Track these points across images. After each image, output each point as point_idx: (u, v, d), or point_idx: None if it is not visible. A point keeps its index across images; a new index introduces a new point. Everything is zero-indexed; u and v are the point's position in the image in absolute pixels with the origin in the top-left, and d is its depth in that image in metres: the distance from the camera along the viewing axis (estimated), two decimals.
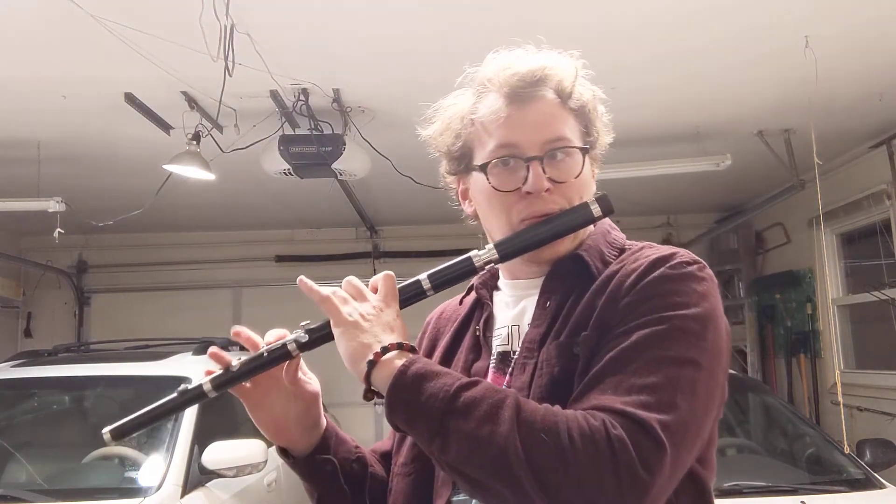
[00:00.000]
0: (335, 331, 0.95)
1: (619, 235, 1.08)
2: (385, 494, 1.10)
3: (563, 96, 1.02)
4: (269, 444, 3.26)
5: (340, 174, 4.00)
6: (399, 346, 0.91)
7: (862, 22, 2.98)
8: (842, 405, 3.60)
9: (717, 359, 0.91)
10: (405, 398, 0.87)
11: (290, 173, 3.96)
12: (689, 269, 0.94)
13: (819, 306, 5.55)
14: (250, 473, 3.04)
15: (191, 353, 3.76)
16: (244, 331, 1.02)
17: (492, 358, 1.05)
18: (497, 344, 1.06)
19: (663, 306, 0.90)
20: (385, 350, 0.91)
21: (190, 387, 0.98)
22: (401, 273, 1.02)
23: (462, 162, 1.07)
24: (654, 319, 0.89)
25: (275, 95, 3.52)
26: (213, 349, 1.01)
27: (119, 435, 0.98)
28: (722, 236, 6.63)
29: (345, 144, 3.77)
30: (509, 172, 1.00)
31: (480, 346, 1.08)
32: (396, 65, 3.33)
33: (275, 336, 1.01)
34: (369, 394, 0.92)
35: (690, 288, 0.92)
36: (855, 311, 5.28)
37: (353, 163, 3.88)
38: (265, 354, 0.98)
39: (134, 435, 1.01)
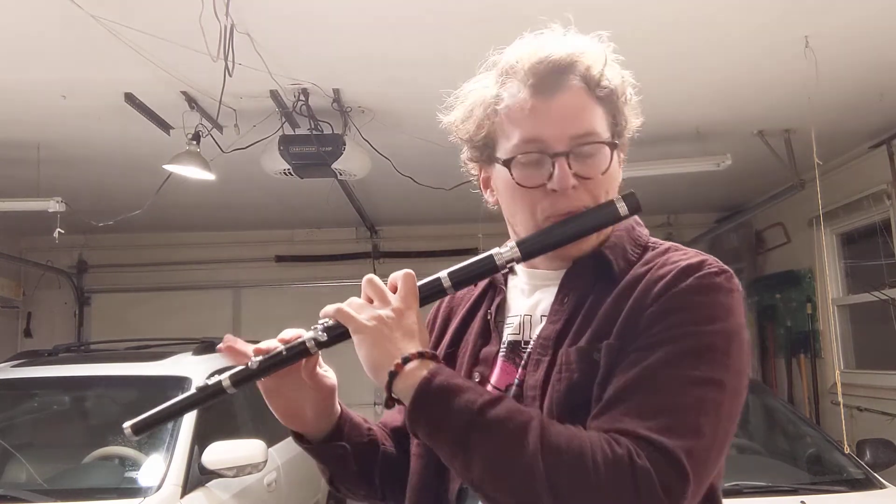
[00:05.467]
0: (355, 337, 0.93)
1: (643, 232, 1.05)
2: (394, 469, 1.11)
3: (591, 84, 0.98)
4: (269, 445, 3.27)
5: (340, 174, 4.00)
6: (420, 356, 0.90)
7: (862, 21, 2.97)
8: (842, 405, 3.60)
9: (739, 378, 0.90)
10: (427, 412, 0.87)
11: (290, 173, 3.96)
12: (718, 279, 0.93)
13: (819, 306, 5.55)
14: (250, 473, 3.04)
15: (191, 353, 3.76)
16: (237, 343, 1.01)
17: (501, 346, 1.04)
18: (508, 333, 1.04)
19: (691, 320, 0.89)
20: (406, 360, 0.89)
21: (210, 382, 0.99)
22: None
23: (485, 151, 1.03)
24: (681, 334, 0.88)
25: (275, 95, 3.51)
26: (227, 344, 1.00)
27: (140, 430, 0.99)
28: (722, 236, 6.62)
29: (345, 144, 3.77)
30: (534, 167, 0.96)
31: (490, 332, 1.07)
32: (396, 65, 3.33)
33: (290, 335, 1.00)
34: (391, 402, 0.90)
35: (718, 301, 0.91)
36: (855, 311, 5.28)
37: (353, 163, 3.88)
38: (284, 353, 0.98)
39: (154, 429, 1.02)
